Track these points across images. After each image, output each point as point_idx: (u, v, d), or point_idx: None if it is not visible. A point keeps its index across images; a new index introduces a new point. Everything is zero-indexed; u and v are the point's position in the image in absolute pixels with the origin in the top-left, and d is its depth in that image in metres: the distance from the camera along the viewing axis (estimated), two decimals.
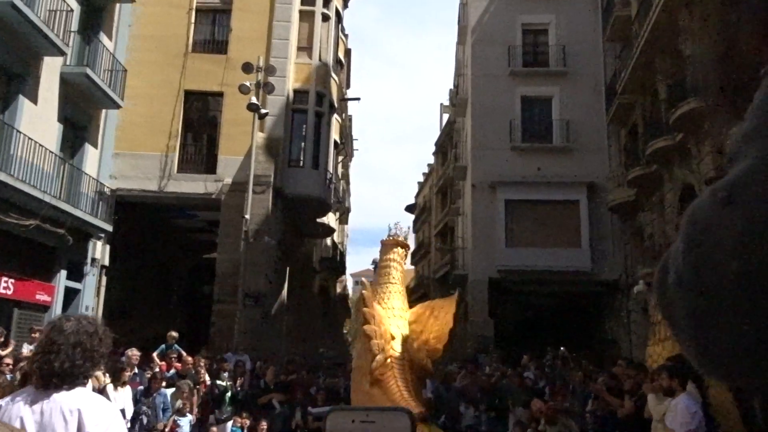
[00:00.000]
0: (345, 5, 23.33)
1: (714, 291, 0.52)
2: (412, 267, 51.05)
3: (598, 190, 21.72)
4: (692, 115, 14.54)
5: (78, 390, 2.35)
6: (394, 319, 6.44)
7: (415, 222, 50.72)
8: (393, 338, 6.23)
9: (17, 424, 2.24)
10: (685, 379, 5.93)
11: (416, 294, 39.62)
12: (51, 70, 14.46)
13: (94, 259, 16.49)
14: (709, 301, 0.52)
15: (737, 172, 0.54)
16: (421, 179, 50.28)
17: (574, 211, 21.59)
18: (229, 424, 10.89)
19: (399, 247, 6.94)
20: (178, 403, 9.55)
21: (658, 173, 17.69)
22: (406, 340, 6.29)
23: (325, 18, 20.57)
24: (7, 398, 2.43)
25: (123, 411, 8.41)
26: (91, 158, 16.61)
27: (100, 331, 2.48)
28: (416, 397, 5.94)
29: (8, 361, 8.70)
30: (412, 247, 50.35)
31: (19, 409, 2.28)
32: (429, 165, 46.46)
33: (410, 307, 6.97)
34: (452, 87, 35.78)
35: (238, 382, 11.50)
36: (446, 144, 36.58)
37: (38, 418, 2.26)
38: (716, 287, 0.52)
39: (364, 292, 6.43)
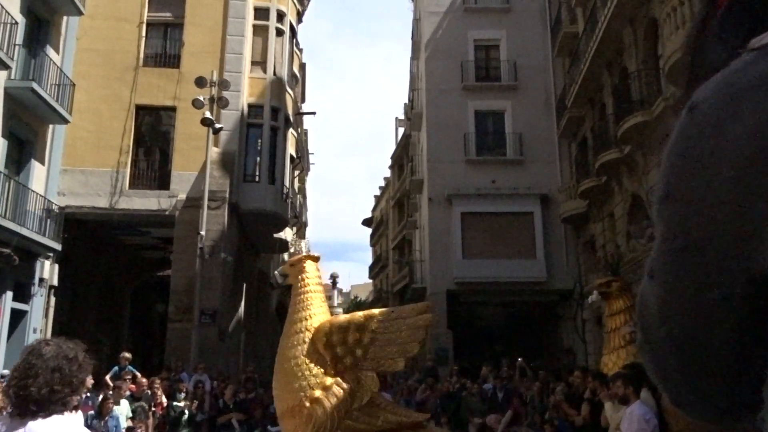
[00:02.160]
0: (299, 20, 23.36)
1: (656, 355, 0.62)
2: (370, 281, 51.01)
3: (551, 202, 22.19)
4: (639, 128, 15.04)
5: (55, 418, 2.26)
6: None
7: (372, 235, 50.76)
8: None
9: None
10: (640, 386, 6.10)
11: (375, 307, 39.55)
12: None
13: (41, 279, 15.94)
14: (656, 362, 0.63)
15: (654, 245, 0.62)
16: (378, 193, 50.34)
17: (529, 222, 22.02)
18: None
19: (308, 261, 6.93)
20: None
21: (608, 185, 18.20)
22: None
23: (279, 33, 20.55)
24: None
25: None
26: (38, 175, 16.10)
27: (80, 357, 2.40)
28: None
29: None
30: (370, 260, 50.31)
31: None
32: (385, 178, 46.57)
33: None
34: (407, 101, 36.09)
35: (197, 402, 11.26)
36: (402, 157, 36.80)
37: None
38: (656, 351, 0.62)
39: None
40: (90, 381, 8.45)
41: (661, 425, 5.86)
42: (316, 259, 6.77)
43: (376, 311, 6.23)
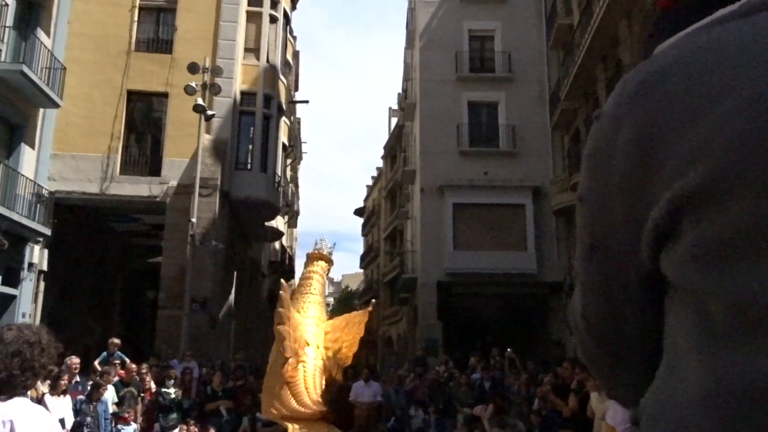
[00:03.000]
0: (293, 7, 23.23)
1: (585, 349, 0.72)
2: (362, 271, 51.11)
3: (543, 194, 22.25)
4: None
5: (14, 400, 2.29)
6: (311, 327, 6.55)
7: (364, 225, 50.76)
8: (307, 344, 6.35)
9: None
10: None
11: (366, 297, 39.67)
12: None
13: (31, 264, 15.87)
14: (586, 356, 0.73)
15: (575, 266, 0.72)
16: (370, 183, 50.31)
17: (520, 214, 22.07)
18: (176, 431, 10.69)
19: (322, 261, 7.09)
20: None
21: None
22: (319, 348, 6.48)
23: (273, 19, 20.43)
24: None
25: (62, 421, 8.16)
26: (28, 159, 15.99)
27: (43, 341, 2.42)
28: (323, 401, 6.14)
29: None
30: (361, 250, 50.39)
31: None
32: (378, 168, 46.52)
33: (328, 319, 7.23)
34: (401, 91, 36.00)
35: (184, 389, 11.28)
36: (395, 148, 36.75)
37: None
38: (584, 345, 0.72)
39: (281, 293, 6.48)
40: (76, 361, 8.41)
41: None
42: (328, 261, 6.98)
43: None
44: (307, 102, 37.13)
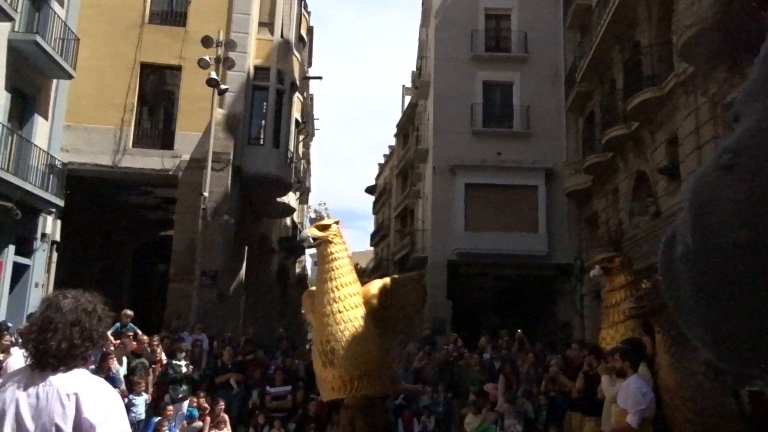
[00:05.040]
0: None
1: (722, 263, 0.48)
2: (371, 248, 51.18)
3: (555, 176, 22.09)
4: (648, 104, 14.88)
5: (76, 372, 2.23)
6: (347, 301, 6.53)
7: (375, 203, 50.73)
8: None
9: (11, 409, 2.11)
10: (637, 361, 6.13)
11: (375, 275, 39.73)
12: None
13: (44, 235, 15.97)
14: (718, 275, 0.48)
15: (739, 133, 0.51)
16: (382, 161, 50.17)
17: (532, 196, 21.94)
18: (185, 403, 10.79)
19: (335, 226, 6.98)
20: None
21: (614, 161, 18.08)
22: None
23: None
24: (0, 380, 2.31)
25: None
26: (41, 130, 16.00)
27: (99, 309, 2.38)
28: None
29: None
30: (372, 228, 50.42)
31: (14, 392, 2.15)
32: (390, 147, 46.35)
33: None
34: (415, 69, 35.70)
35: (195, 362, 11.36)
36: (408, 126, 36.54)
37: (33, 402, 2.13)
38: (724, 259, 0.48)
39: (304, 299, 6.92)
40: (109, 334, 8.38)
41: (657, 403, 5.89)
42: (337, 224, 6.95)
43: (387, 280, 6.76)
44: (320, 78, 36.85)
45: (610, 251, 12.49)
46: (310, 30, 29.23)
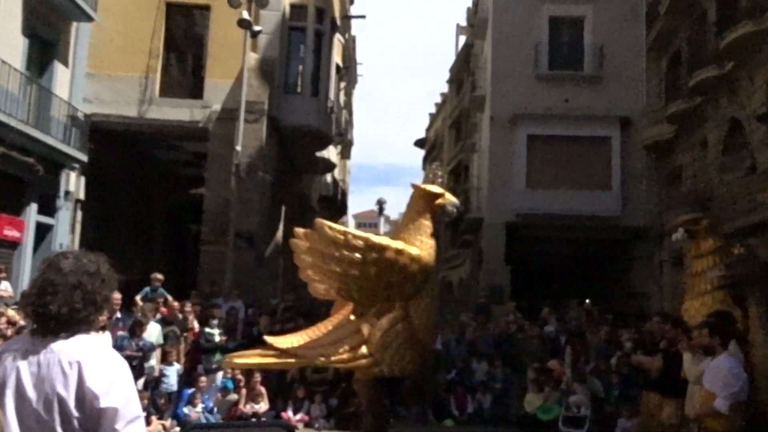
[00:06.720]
0: None
1: None
2: None
3: (632, 126, 21.46)
4: (745, 40, 14.23)
5: (79, 338, 2.26)
6: None
7: (425, 159, 50.54)
8: None
9: (13, 376, 2.17)
10: (728, 337, 5.90)
11: None
12: None
13: (67, 192, 16.42)
14: None
15: None
16: (433, 111, 49.82)
17: (605, 149, 21.36)
18: (220, 374, 11.06)
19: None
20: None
21: (702, 108, 17.44)
22: None
23: None
24: (1, 347, 2.36)
25: None
26: (61, 79, 16.30)
27: (102, 271, 2.40)
28: None
29: None
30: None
31: (15, 360, 2.21)
32: (442, 95, 45.94)
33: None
34: (471, 5, 34.93)
35: (230, 331, 11.58)
36: (462, 71, 35.98)
37: (35, 370, 2.18)
38: None
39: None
40: (118, 297, 8.60)
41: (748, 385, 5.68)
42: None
43: None
44: (363, 17, 36.49)
45: (695, 212, 12.06)
46: None
